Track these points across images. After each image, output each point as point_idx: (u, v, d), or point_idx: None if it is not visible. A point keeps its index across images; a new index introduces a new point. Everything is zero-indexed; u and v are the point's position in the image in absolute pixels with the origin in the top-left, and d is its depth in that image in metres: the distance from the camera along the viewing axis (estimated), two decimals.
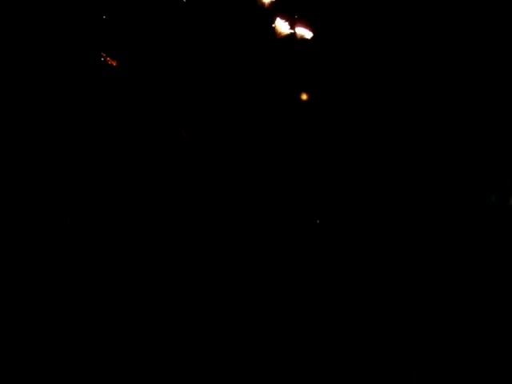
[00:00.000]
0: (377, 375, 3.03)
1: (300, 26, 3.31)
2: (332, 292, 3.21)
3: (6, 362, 2.81)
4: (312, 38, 3.35)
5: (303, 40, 3.34)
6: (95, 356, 2.92)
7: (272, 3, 3.27)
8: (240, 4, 3.30)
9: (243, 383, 3.00)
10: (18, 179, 3.10)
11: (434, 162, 3.36)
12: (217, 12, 3.33)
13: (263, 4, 3.24)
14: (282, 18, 3.29)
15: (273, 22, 3.31)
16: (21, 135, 3.13)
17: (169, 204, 3.27)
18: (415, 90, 3.40)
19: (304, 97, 3.36)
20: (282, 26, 3.29)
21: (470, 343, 3.05)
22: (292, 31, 3.32)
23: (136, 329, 3.03)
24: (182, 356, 3.02)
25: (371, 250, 3.26)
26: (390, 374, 3.04)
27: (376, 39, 3.40)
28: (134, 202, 3.24)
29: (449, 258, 3.20)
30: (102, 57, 3.20)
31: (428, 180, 3.34)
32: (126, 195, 3.23)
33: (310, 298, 3.20)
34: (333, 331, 3.13)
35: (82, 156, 3.20)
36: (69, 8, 3.19)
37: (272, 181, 3.35)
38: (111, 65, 3.23)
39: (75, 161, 3.19)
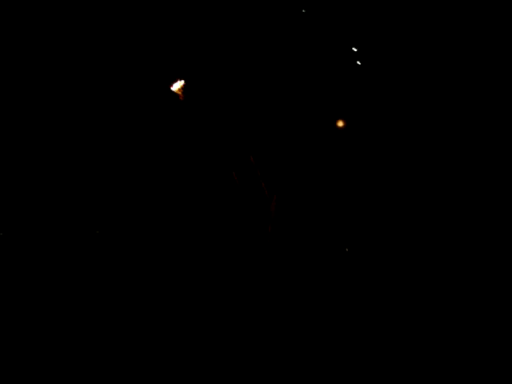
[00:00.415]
0: (377, 375, 3.05)
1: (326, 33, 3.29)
2: (333, 292, 3.23)
3: (6, 362, 2.86)
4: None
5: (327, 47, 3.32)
6: (95, 355, 2.96)
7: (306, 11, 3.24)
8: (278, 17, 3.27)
9: (243, 383, 3.03)
10: (26, 180, 3.12)
11: (454, 186, 3.33)
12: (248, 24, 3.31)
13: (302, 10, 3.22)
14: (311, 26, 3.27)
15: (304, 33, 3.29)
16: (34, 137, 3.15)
17: (173, 205, 3.28)
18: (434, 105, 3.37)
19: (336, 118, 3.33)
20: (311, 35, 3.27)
21: (470, 343, 3.06)
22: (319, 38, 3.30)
23: (136, 328, 3.06)
24: (182, 356, 3.05)
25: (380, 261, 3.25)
26: (390, 373, 3.06)
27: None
28: (140, 202, 3.26)
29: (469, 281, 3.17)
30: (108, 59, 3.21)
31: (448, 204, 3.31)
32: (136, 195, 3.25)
33: (310, 298, 3.21)
34: (333, 331, 3.14)
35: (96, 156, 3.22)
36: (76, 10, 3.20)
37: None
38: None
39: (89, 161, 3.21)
